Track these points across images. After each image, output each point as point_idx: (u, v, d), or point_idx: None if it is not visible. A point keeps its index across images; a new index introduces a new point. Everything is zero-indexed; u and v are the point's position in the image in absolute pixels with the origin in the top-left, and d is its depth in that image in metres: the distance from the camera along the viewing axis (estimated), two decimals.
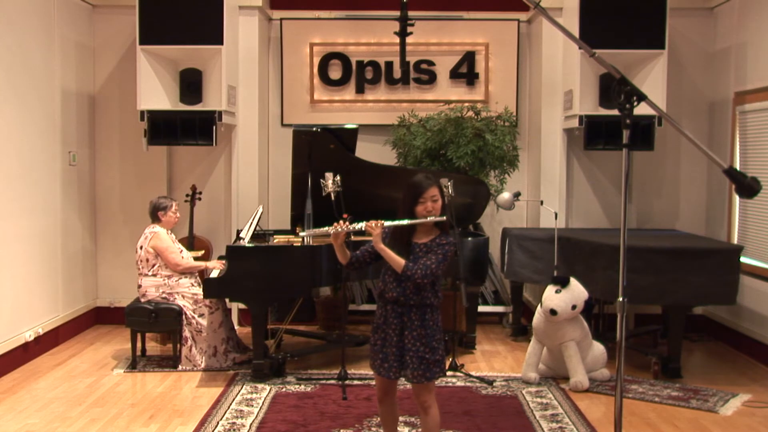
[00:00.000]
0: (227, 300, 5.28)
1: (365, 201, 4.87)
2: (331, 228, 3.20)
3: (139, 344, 5.28)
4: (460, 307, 5.32)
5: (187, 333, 5.08)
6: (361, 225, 3.17)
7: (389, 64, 6.51)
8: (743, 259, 5.12)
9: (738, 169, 3.41)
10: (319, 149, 5.02)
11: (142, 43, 5.52)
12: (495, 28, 6.53)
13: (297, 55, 6.56)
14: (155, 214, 5.20)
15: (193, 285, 5.19)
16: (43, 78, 5.47)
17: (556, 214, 5.52)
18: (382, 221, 3.14)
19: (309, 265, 4.81)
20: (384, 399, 3.31)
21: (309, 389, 4.62)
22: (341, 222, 3.21)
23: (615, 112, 2.82)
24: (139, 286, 5.16)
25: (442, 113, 6.05)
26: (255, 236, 5.25)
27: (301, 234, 3.72)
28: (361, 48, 6.55)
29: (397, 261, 3.10)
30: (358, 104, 6.59)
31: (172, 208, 5.25)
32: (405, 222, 3.13)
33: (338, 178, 4.58)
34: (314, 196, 4.85)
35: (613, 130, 5.66)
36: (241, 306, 6.09)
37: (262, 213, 5.42)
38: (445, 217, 3.15)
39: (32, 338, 5.23)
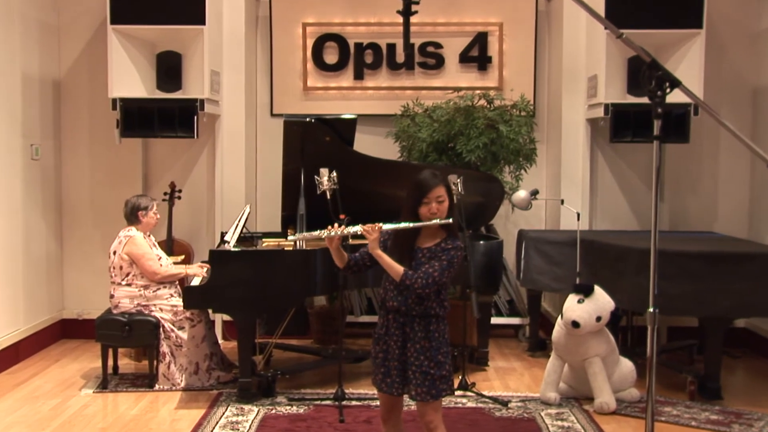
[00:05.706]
0: (210, 311, 5.29)
1: (364, 200, 4.88)
2: (323, 232, 3.21)
3: (110, 361, 5.28)
4: (471, 318, 5.32)
5: (165, 348, 5.09)
6: (356, 229, 3.18)
7: (391, 47, 6.52)
8: None
9: None
10: (312, 142, 5.04)
11: (113, 22, 5.53)
12: (510, 6, 6.54)
13: (288, 37, 6.57)
14: (134, 214, 5.20)
15: (172, 296, 5.20)
16: (1, 62, 5.48)
17: (578, 215, 5.52)
18: (381, 225, 3.15)
19: (302, 272, 4.82)
20: (388, 418, 3.32)
21: (302, 411, 4.63)
22: (335, 225, 3.23)
23: (645, 100, 2.82)
24: (112, 297, 5.17)
25: (450, 102, 6.06)
26: (241, 239, 5.26)
27: (291, 238, 3.75)
28: (360, 29, 6.56)
29: (396, 269, 3.10)
30: (357, 92, 6.60)
31: (153, 208, 5.27)
32: (406, 225, 3.14)
33: (334, 174, 4.59)
34: (308, 195, 4.87)
35: (643, 120, 5.66)
36: (226, 318, 6.11)
37: (249, 213, 5.44)
38: (451, 219, 3.15)
39: None
